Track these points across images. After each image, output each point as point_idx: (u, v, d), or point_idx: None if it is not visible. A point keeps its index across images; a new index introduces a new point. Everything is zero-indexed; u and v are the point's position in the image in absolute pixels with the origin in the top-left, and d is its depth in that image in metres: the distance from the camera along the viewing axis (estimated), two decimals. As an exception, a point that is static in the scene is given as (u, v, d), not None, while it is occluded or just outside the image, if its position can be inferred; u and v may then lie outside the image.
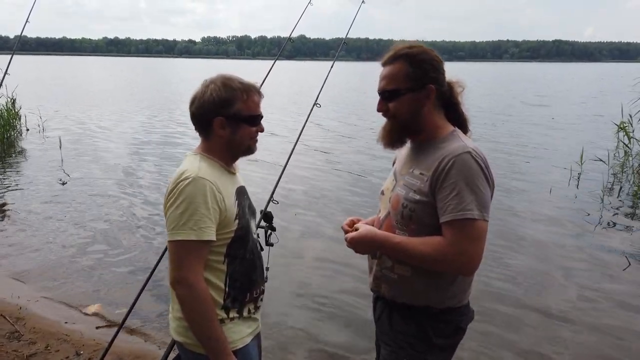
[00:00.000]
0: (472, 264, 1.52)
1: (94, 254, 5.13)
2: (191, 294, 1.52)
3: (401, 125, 1.66)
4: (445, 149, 1.57)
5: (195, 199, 1.50)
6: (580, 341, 3.64)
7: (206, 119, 1.62)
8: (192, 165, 1.58)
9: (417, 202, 1.59)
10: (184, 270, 1.52)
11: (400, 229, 1.64)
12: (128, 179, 8.20)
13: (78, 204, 6.75)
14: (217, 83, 1.62)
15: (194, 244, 1.51)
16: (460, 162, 1.51)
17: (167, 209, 1.56)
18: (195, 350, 1.63)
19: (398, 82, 1.61)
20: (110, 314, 4.00)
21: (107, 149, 10.73)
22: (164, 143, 11.59)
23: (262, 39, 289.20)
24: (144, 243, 5.45)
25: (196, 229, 1.50)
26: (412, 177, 1.63)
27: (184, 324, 1.62)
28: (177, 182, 1.54)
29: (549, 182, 8.00)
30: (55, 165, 9.03)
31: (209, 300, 1.56)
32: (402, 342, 1.67)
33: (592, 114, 18.00)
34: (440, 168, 1.53)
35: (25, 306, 4.00)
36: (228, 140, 1.64)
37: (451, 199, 1.50)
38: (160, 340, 3.55)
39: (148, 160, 9.64)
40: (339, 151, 10.59)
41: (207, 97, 1.61)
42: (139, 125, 14.40)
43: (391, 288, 1.69)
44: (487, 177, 1.54)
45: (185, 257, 1.52)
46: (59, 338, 3.50)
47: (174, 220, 1.52)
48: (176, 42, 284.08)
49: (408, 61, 1.61)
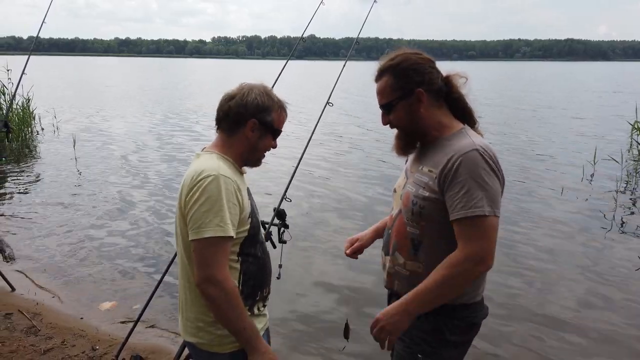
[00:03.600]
0: (486, 259, 1.53)
1: (109, 252, 5.19)
2: (223, 290, 1.52)
3: (406, 133, 1.73)
4: (453, 147, 1.60)
5: (219, 196, 1.52)
6: (588, 341, 3.62)
7: (242, 118, 1.66)
8: (211, 164, 1.59)
9: (425, 199, 1.61)
10: (214, 268, 1.52)
11: (411, 226, 1.67)
12: (142, 178, 8.29)
13: (92, 202, 6.84)
14: (260, 89, 1.69)
15: (221, 240, 1.52)
16: (468, 159, 1.54)
17: (190, 208, 1.54)
18: (209, 350, 1.65)
19: (388, 95, 1.69)
20: (124, 311, 4.05)
21: (120, 148, 10.84)
22: (176, 142, 11.69)
23: (272, 39, 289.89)
24: (159, 241, 5.51)
25: (222, 225, 1.52)
26: (421, 174, 1.66)
27: (197, 324, 1.64)
28: (198, 180, 1.54)
29: (561, 181, 7.94)
30: (69, 164, 9.15)
31: (237, 294, 1.57)
32: (417, 337, 1.68)
33: (605, 113, 17.81)
34: (449, 166, 1.56)
35: (42, 302, 4.07)
36: (251, 143, 1.69)
37: (461, 197, 1.52)
38: (174, 337, 3.59)
39: (161, 159, 9.73)
40: (352, 149, 10.61)
41: (250, 98, 1.66)
42: (151, 125, 14.52)
43: (404, 285, 1.70)
44: (496, 172, 1.56)
45: (214, 255, 1.53)
46: (75, 333, 3.55)
47: (199, 218, 1.52)
48: (187, 43, 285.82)
49: (391, 73, 1.68)
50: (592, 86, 35.44)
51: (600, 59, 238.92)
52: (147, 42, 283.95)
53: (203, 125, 14.56)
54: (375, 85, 1.73)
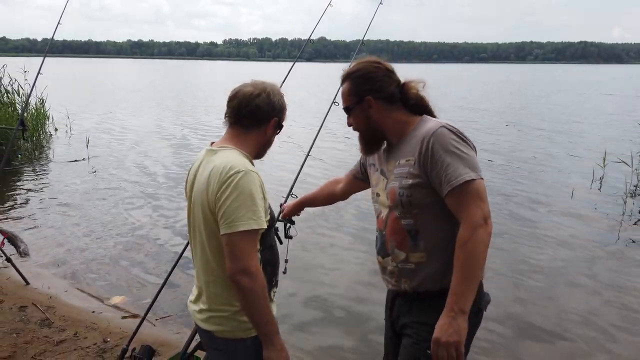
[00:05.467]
0: (487, 219, 1.58)
1: (118, 248, 5.31)
2: (256, 282, 1.57)
3: (364, 134, 1.88)
4: (421, 132, 1.70)
5: (251, 190, 1.58)
6: (602, 351, 3.64)
7: (268, 116, 1.75)
8: (237, 159, 1.65)
9: (411, 186, 1.68)
10: (248, 260, 1.56)
11: (404, 218, 1.72)
12: (153, 176, 8.42)
13: (104, 200, 6.97)
14: (277, 90, 1.80)
15: (253, 233, 1.58)
16: (439, 136, 1.64)
17: (222, 203, 1.58)
18: (232, 337, 1.70)
19: (346, 100, 1.86)
20: (133, 305, 4.15)
21: (133, 148, 11.02)
22: (188, 141, 11.84)
23: (282, 41, 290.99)
24: (168, 238, 5.62)
25: (255, 218, 1.57)
26: (401, 167, 1.73)
27: (221, 314, 1.69)
28: (229, 176, 1.58)
29: (571, 184, 7.92)
30: (82, 163, 9.32)
31: (266, 286, 1.63)
32: (424, 332, 1.68)
33: (616, 116, 17.67)
34: (424, 148, 1.64)
35: (55, 295, 4.18)
36: (267, 140, 1.80)
37: (444, 171, 1.60)
38: (181, 329, 3.69)
39: (173, 158, 9.88)
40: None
41: (276, 100, 1.76)
42: (165, 125, 14.70)
43: (412, 279, 1.74)
44: (467, 141, 1.66)
45: (247, 247, 1.57)
46: (87, 326, 3.65)
47: (232, 213, 1.56)
48: (198, 45, 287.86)
49: (349, 80, 1.84)
50: (603, 88, 35.09)
51: (614, 61, 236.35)
52: (159, 44, 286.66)
53: (216, 125, 14.72)
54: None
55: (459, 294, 1.57)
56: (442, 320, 1.59)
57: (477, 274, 1.58)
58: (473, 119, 16.53)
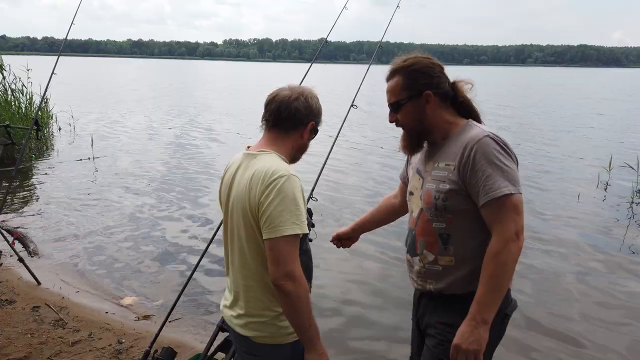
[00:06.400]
0: (520, 235, 1.59)
1: (129, 249, 5.30)
2: (300, 286, 1.57)
3: (412, 131, 1.81)
4: (464, 138, 1.68)
5: (294, 195, 1.58)
6: (605, 350, 3.65)
7: (306, 119, 1.75)
8: (279, 164, 1.64)
9: (448, 191, 1.67)
10: (292, 264, 1.56)
11: (436, 221, 1.72)
12: (160, 176, 8.41)
13: (111, 201, 6.96)
14: (314, 94, 1.80)
15: (297, 238, 1.58)
16: (482, 145, 1.62)
17: (265, 207, 1.57)
18: (271, 342, 1.69)
19: (397, 95, 1.78)
20: (146, 306, 4.15)
21: (138, 147, 11.01)
22: (194, 141, 11.84)
23: (283, 41, 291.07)
24: (178, 240, 5.60)
25: (299, 222, 1.57)
26: (438, 170, 1.73)
27: (261, 320, 1.68)
28: (272, 181, 1.58)
29: (577, 188, 7.93)
30: (88, 162, 9.31)
31: (309, 291, 1.64)
32: (449, 334, 1.69)
33: (619, 120, 17.70)
34: (466, 155, 1.64)
35: (68, 296, 4.18)
36: (304, 143, 1.79)
37: (484, 182, 1.60)
38: (197, 331, 3.69)
39: (179, 158, 9.86)
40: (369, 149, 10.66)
41: (314, 103, 1.77)
42: (169, 125, 14.69)
43: (438, 281, 1.74)
44: (510, 153, 1.65)
45: (291, 252, 1.57)
46: (101, 327, 3.65)
47: (276, 217, 1.55)
48: (198, 45, 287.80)
49: (402, 74, 1.77)
50: (605, 92, 35.15)
51: (613, 65, 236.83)
52: (159, 43, 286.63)
53: (221, 126, 14.72)
54: (386, 85, 1.82)
55: (483, 304, 1.59)
56: (463, 327, 1.60)
57: (504, 286, 1.60)
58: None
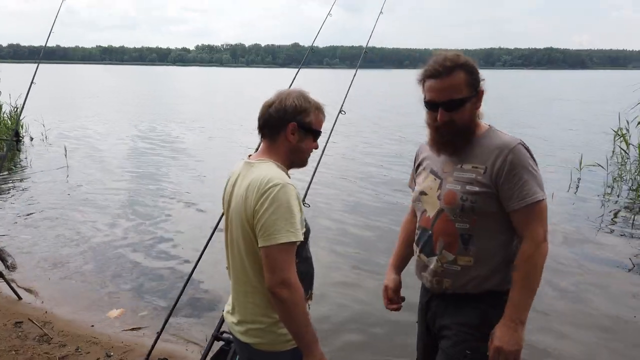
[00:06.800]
0: (546, 237, 1.69)
1: (111, 262, 5.19)
2: (295, 293, 1.58)
3: (463, 132, 1.75)
4: (494, 143, 1.72)
5: (289, 203, 1.59)
6: (580, 343, 3.75)
7: (283, 122, 1.72)
8: (274, 172, 1.66)
9: (476, 193, 1.70)
10: (287, 272, 1.57)
11: (459, 222, 1.74)
12: (135, 184, 8.30)
13: (88, 211, 6.82)
14: (297, 93, 1.75)
15: (292, 245, 1.59)
16: (517, 153, 1.69)
17: (260, 216, 1.59)
18: (271, 350, 1.71)
19: (461, 91, 1.70)
20: (133, 318, 4.08)
21: (112, 155, 10.86)
22: (165, 149, 11.71)
23: (256, 47, 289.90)
24: (160, 250, 5.54)
25: (293, 231, 1.58)
26: (464, 172, 1.74)
27: (259, 327, 1.70)
28: (267, 189, 1.59)
29: (550, 187, 8.16)
30: (62, 173, 9.11)
31: (304, 297, 1.65)
32: (464, 333, 1.73)
33: (587, 121, 18.28)
34: (501, 160, 1.68)
35: (51, 310, 4.08)
36: (293, 146, 1.74)
37: (520, 187, 1.66)
38: (189, 342, 3.66)
39: (153, 167, 9.74)
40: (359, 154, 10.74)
41: (288, 103, 1.72)
42: (141, 131, 14.48)
43: (455, 280, 1.76)
44: (535, 161, 1.74)
45: (286, 259, 1.58)
46: (88, 340, 3.58)
47: (271, 225, 1.57)
48: (170, 50, 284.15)
49: (465, 70, 1.71)
50: (573, 94, 36.26)
51: (579, 67, 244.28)
52: (129, 49, 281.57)
53: (193, 131, 14.59)
54: (435, 81, 1.71)
55: (519, 305, 1.65)
56: (502, 330, 1.64)
57: (536, 287, 1.67)
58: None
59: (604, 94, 35.96)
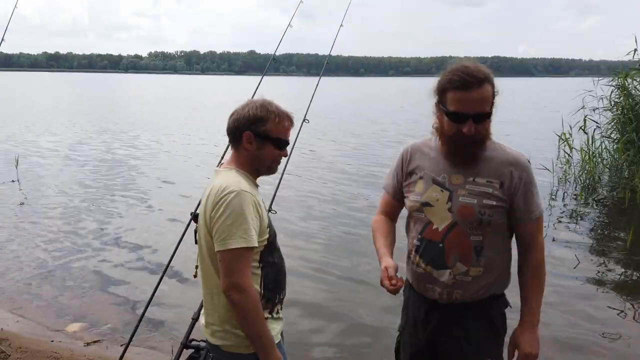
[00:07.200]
0: None
1: (65, 276, 5.04)
2: (246, 298, 1.64)
3: (481, 143, 1.76)
4: (505, 157, 1.79)
5: (242, 210, 1.64)
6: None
7: (238, 132, 1.78)
8: (233, 180, 1.72)
9: (493, 207, 1.75)
10: (238, 276, 1.63)
11: (473, 235, 1.77)
12: (92, 196, 8.06)
13: (42, 223, 6.59)
14: (256, 103, 1.80)
15: (244, 250, 1.65)
16: (528, 169, 1.80)
17: (215, 221, 1.66)
18: (235, 351, 1.76)
19: (490, 104, 1.71)
20: (94, 331, 4.00)
21: (62, 165, 10.49)
22: (117, 156, 11.43)
23: (211, 54, 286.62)
24: (111, 259, 5.45)
25: (245, 236, 1.63)
26: (478, 185, 1.77)
27: (225, 328, 1.75)
28: (222, 196, 1.66)
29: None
30: (12, 186, 8.72)
31: (259, 302, 1.70)
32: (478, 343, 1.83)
33: (532, 125, 19.18)
34: (516, 177, 1.76)
35: (7, 327, 3.94)
36: (253, 155, 1.79)
37: (530, 201, 1.79)
38: (156, 351, 3.64)
39: (105, 174, 9.50)
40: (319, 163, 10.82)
41: (244, 113, 1.78)
42: (90, 139, 14.05)
43: (466, 290, 1.80)
44: None
45: (238, 264, 1.64)
46: (49, 356, 3.48)
47: (224, 231, 1.64)
48: (121, 57, 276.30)
49: (490, 82, 1.71)
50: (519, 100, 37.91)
51: (525, 75, 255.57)
52: (78, 56, 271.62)
53: (142, 139, 14.31)
54: (470, 92, 1.67)
55: (534, 309, 1.79)
56: (527, 336, 1.77)
57: (543, 290, 1.83)
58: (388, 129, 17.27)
59: (548, 99, 37.79)
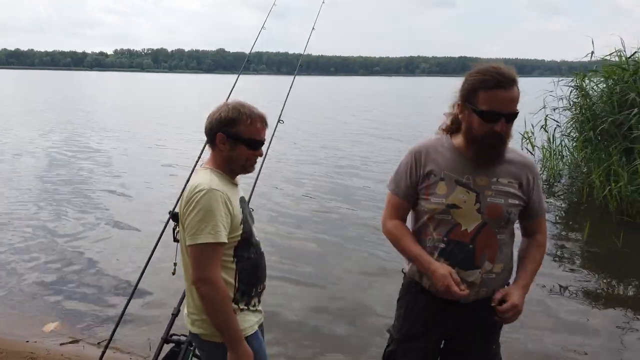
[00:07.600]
0: None
1: (42, 271, 5.01)
2: (213, 290, 1.74)
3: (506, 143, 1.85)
4: (520, 159, 1.94)
5: (210, 207, 1.74)
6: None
7: (212, 133, 1.88)
8: (205, 178, 1.82)
9: (515, 206, 1.89)
10: (206, 270, 1.73)
11: (500, 233, 1.89)
12: (60, 195, 7.93)
13: (11, 224, 6.46)
14: (229, 105, 1.88)
15: (212, 246, 1.74)
16: (536, 169, 1.99)
17: (186, 217, 1.78)
18: (210, 340, 1.87)
19: (517, 105, 1.80)
20: (70, 331, 3.99)
21: (23, 164, 10.24)
22: (72, 156, 11.25)
23: (179, 52, 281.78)
24: (87, 256, 5.43)
25: (213, 233, 1.73)
26: (502, 185, 1.87)
27: (202, 317, 1.84)
28: (193, 194, 1.77)
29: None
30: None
31: (227, 295, 1.79)
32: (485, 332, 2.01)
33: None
34: (531, 178, 1.94)
35: (-20, 328, 3.90)
36: (226, 155, 1.88)
37: (542, 198, 2.00)
38: (137, 347, 3.67)
39: (77, 176, 9.34)
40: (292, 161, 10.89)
41: (216, 115, 1.87)
42: (53, 143, 13.74)
43: (489, 287, 1.91)
44: None
45: (206, 258, 1.74)
46: (25, 356, 3.48)
47: (193, 227, 1.74)
48: (86, 55, 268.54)
49: (517, 85, 1.80)
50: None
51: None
52: (40, 53, 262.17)
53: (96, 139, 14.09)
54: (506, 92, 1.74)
55: (531, 278, 1.95)
56: (520, 293, 1.87)
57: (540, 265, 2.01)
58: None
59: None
